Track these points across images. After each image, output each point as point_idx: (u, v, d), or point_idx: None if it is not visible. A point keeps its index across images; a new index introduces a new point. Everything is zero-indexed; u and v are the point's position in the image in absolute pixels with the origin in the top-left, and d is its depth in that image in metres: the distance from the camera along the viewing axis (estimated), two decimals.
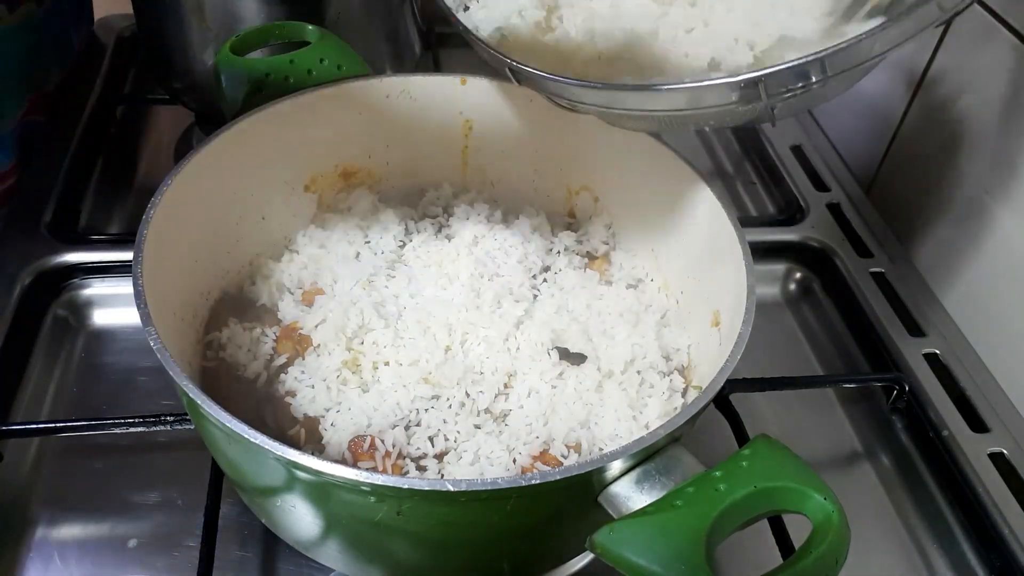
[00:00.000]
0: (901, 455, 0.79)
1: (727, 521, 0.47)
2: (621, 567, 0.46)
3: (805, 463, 0.49)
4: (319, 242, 0.78)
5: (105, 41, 1.19)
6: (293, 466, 0.48)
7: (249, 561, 0.67)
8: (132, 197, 1.00)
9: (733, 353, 0.55)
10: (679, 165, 0.71)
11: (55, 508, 0.69)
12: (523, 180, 0.84)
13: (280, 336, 0.70)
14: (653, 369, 0.70)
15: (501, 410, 0.66)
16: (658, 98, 0.59)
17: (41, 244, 0.86)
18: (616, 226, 0.81)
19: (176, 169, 0.64)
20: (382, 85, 0.77)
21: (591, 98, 0.62)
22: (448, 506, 0.49)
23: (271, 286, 0.74)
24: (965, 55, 0.87)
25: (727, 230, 0.65)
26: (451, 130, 0.82)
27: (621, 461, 0.50)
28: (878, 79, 0.99)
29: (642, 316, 0.73)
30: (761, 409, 0.81)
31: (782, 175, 1.05)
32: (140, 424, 0.68)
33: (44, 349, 0.81)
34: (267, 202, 0.77)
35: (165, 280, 0.61)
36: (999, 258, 0.83)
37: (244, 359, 0.68)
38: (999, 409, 0.79)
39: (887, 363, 0.83)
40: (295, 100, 0.73)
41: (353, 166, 0.81)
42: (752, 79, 0.53)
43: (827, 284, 0.94)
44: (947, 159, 0.90)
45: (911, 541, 0.73)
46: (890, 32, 0.52)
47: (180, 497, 0.70)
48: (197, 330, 0.69)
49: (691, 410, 0.52)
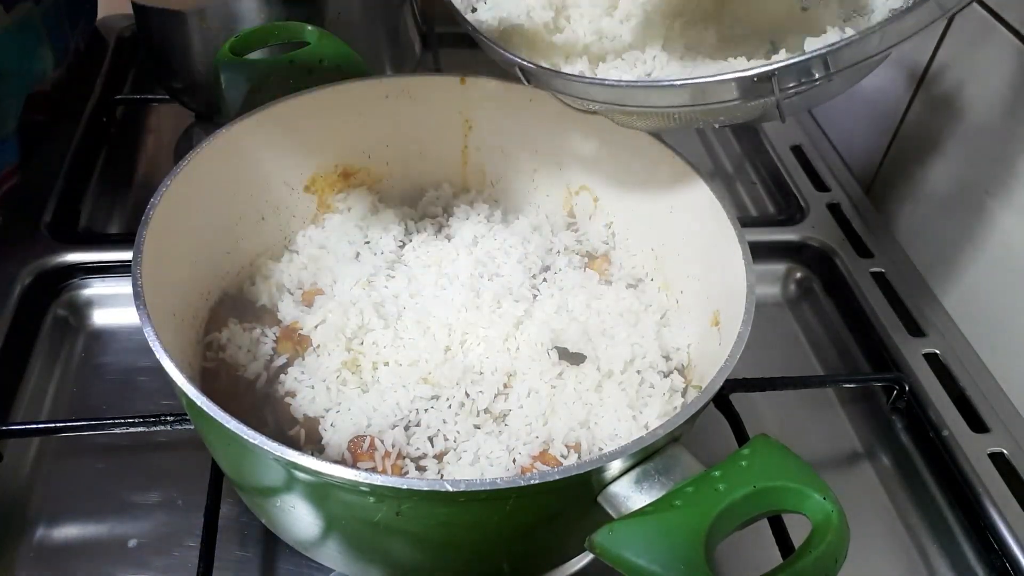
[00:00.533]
0: (901, 455, 0.79)
1: (726, 521, 0.47)
2: (620, 567, 0.46)
3: (805, 463, 0.49)
4: (319, 242, 0.78)
5: (105, 41, 1.19)
6: (293, 466, 0.48)
7: (249, 561, 0.67)
8: (132, 197, 1.01)
9: (733, 353, 0.55)
10: (679, 165, 0.71)
11: (55, 508, 0.69)
12: (523, 180, 0.84)
13: (280, 336, 0.70)
14: (653, 369, 0.70)
15: (501, 410, 0.66)
16: (672, 94, 0.58)
17: (41, 244, 0.86)
18: (616, 226, 0.81)
19: (176, 169, 0.64)
20: (382, 85, 0.77)
21: (604, 95, 0.61)
22: (447, 506, 0.49)
23: (271, 286, 0.74)
24: (965, 55, 0.87)
25: (727, 230, 0.65)
26: (451, 130, 0.82)
27: (621, 461, 0.50)
28: (878, 79, 0.99)
29: (642, 316, 0.73)
30: (761, 409, 0.81)
31: (782, 175, 1.05)
32: (140, 424, 0.69)
33: (44, 349, 0.81)
34: (267, 202, 0.77)
35: (165, 280, 0.61)
36: (999, 258, 0.83)
37: (244, 359, 0.68)
38: (999, 409, 0.79)
39: (887, 363, 0.83)
40: (295, 100, 0.73)
41: (353, 166, 0.81)
42: (765, 73, 0.53)
43: (827, 284, 0.94)
44: (947, 159, 0.90)
45: (911, 541, 0.73)
46: (891, 29, 0.52)
47: (180, 497, 0.70)
48: (197, 330, 0.69)
49: (691, 410, 0.52)
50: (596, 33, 0.68)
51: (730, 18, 0.69)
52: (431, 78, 0.79)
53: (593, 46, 0.68)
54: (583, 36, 0.69)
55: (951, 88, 0.89)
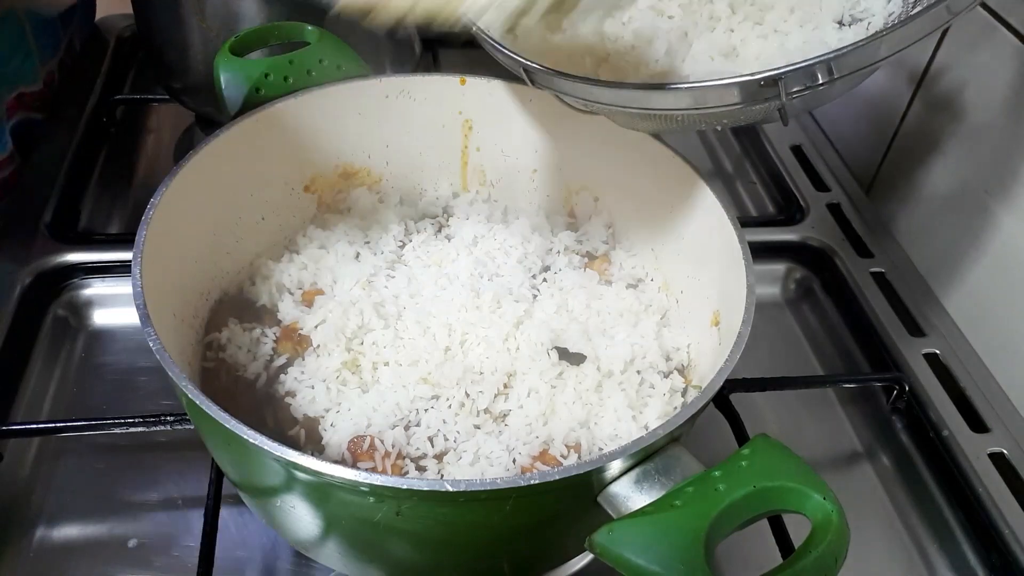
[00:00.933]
0: (901, 455, 0.79)
1: (726, 521, 0.47)
2: (620, 567, 0.46)
3: (805, 463, 0.49)
4: (319, 242, 0.78)
5: (105, 41, 1.20)
6: (293, 467, 0.48)
7: (249, 561, 0.67)
8: (132, 197, 1.00)
9: (733, 353, 0.55)
10: (679, 165, 0.71)
11: (55, 508, 0.69)
12: (523, 180, 0.84)
13: (280, 336, 0.70)
14: (653, 369, 0.70)
15: (501, 410, 0.66)
16: (678, 96, 0.58)
17: (41, 244, 0.86)
18: (616, 226, 0.81)
19: (176, 169, 0.64)
20: (382, 85, 0.77)
21: (608, 97, 0.61)
22: (447, 506, 0.49)
23: (271, 286, 0.74)
24: (965, 55, 0.87)
25: (727, 230, 0.65)
26: (451, 130, 0.82)
27: (620, 461, 0.50)
28: (878, 80, 0.99)
29: (642, 316, 0.73)
30: (761, 409, 0.81)
31: (782, 175, 1.05)
32: (140, 424, 0.68)
33: (44, 349, 0.81)
34: (267, 202, 0.77)
35: (165, 280, 0.61)
36: (999, 258, 0.83)
37: (244, 359, 0.68)
38: (999, 409, 0.79)
39: (887, 363, 0.83)
40: (295, 100, 0.73)
41: (353, 166, 0.81)
42: (772, 76, 0.53)
43: (827, 284, 0.94)
44: (947, 159, 0.90)
45: (911, 541, 0.73)
46: (899, 33, 0.52)
47: (180, 497, 0.70)
48: (197, 330, 0.69)
49: (690, 410, 0.52)
50: (599, 34, 0.68)
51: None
52: (431, 78, 0.79)
53: (597, 48, 0.68)
54: (586, 36, 0.68)
55: (951, 88, 0.89)
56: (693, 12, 0.68)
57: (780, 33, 0.65)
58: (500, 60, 0.65)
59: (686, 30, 0.67)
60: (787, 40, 0.64)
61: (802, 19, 0.65)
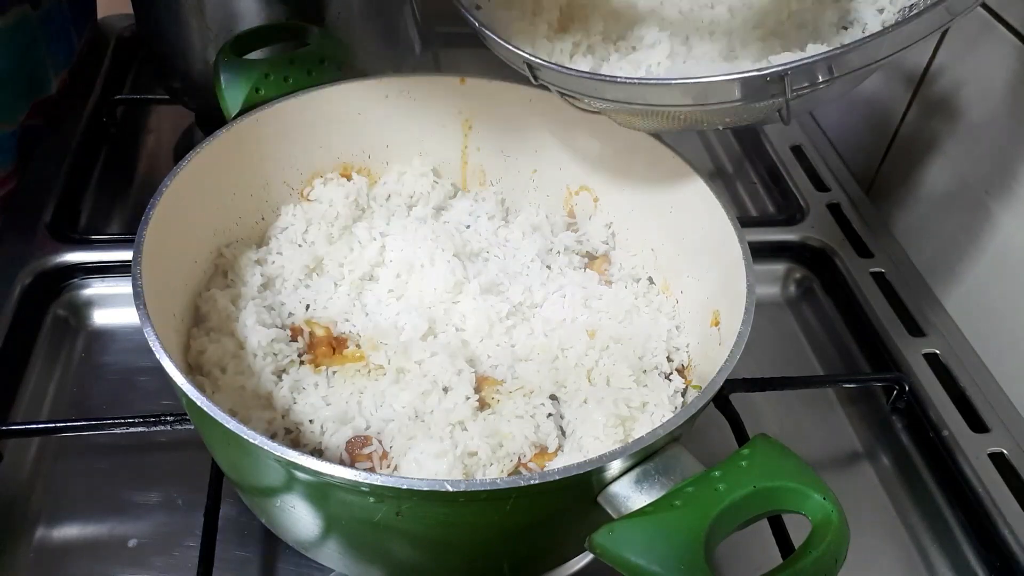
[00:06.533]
0: (901, 455, 0.79)
1: (726, 521, 0.47)
2: (620, 567, 0.46)
3: (804, 463, 0.49)
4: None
5: (105, 41, 1.19)
6: (292, 466, 0.48)
7: (249, 561, 0.67)
8: (132, 197, 1.00)
9: (733, 353, 0.55)
10: (679, 165, 0.71)
11: (55, 508, 0.69)
12: (523, 180, 0.84)
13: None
14: (653, 369, 0.70)
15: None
16: (683, 91, 0.58)
17: (41, 244, 0.86)
18: (616, 226, 0.81)
19: (176, 169, 0.64)
20: (382, 85, 0.77)
21: (612, 93, 0.60)
22: (447, 506, 0.49)
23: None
24: (964, 55, 0.87)
25: (727, 230, 0.65)
26: (451, 130, 0.82)
27: (620, 461, 0.50)
28: (878, 80, 0.99)
29: (642, 316, 0.73)
30: (761, 409, 0.81)
31: (782, 175, 1.05)
32: (140, 424, 0.68)
33: (44, 349, 0.81)
34: (267, 202, 0.77)
35: (165, 280, 0.61)
36: (999, 258, 0.83)
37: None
38: (999, 409, 0.79)
39: (887, 363, 0.83)
40: (295, 100, 0.73)
41: (353, 166, 0.81)
42: (778, 72, 0.53)
43: (827, 284, 0.94)
44: (947, 159, 0.90)
45: (911, 541, 0.73)
46: (900, 32, 0.52)
47: (180, 497, 0.70)
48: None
49: (690, 410, 0.52)
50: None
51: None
52: (431, 78, 0.79)
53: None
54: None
55: (951, 88, 0.89)
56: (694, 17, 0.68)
57: (777, 35, 0.65)
58: (503, 56, 0.65)
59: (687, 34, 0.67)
60: (787, 42, 0.64)
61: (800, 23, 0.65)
